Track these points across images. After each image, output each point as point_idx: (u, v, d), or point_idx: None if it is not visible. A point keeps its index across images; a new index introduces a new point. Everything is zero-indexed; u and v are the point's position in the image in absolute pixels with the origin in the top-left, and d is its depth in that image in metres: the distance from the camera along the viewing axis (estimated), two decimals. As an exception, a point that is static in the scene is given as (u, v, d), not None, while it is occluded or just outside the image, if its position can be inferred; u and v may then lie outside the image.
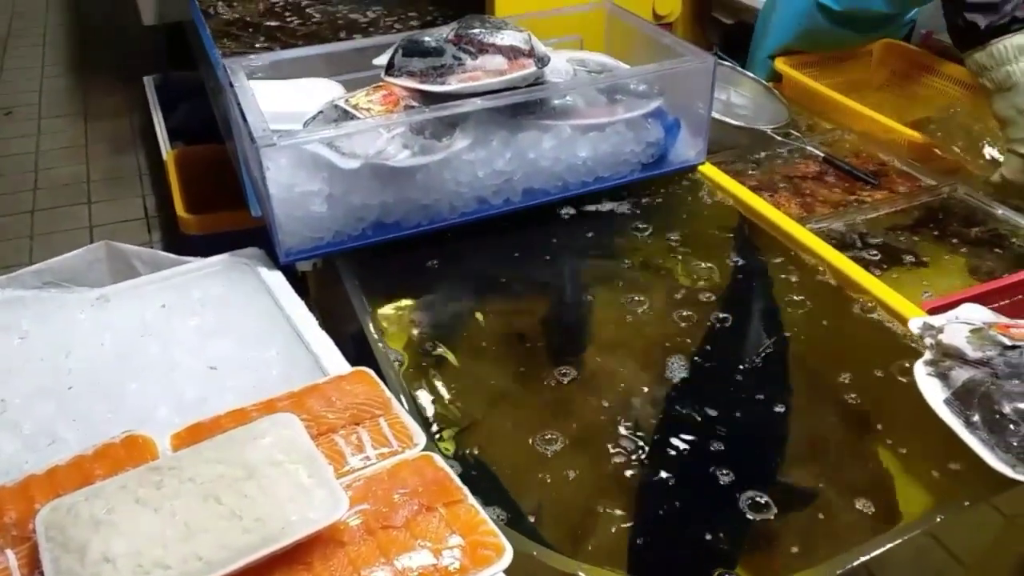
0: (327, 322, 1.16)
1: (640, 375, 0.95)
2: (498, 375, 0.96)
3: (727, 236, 1.20)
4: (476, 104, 1.11)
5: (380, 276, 1.10)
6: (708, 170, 1.32)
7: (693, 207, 1.27)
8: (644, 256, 1.16)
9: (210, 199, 1.97)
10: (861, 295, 1.04)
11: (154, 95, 2.56)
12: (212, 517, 0.67)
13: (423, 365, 0.97)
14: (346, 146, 1.07)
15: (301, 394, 0.84)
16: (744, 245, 1.18)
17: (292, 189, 1.06)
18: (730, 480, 0.81)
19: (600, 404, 0.91)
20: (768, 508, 0.78)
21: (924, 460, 0.83)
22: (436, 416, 0.89)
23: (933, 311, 0.97)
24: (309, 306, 1.06)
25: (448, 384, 0.94)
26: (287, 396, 0.84)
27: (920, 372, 0.85)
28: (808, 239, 1.14)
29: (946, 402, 0.81)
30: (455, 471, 0.77)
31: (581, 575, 0.71)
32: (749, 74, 1.64)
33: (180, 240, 1.95)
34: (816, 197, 1.34)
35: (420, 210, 1.12)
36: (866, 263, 1.16)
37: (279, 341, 0.98)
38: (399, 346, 0.99)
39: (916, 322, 0.91)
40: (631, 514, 0.79)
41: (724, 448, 0.84)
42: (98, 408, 0.88)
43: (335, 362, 0.93)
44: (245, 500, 0.69)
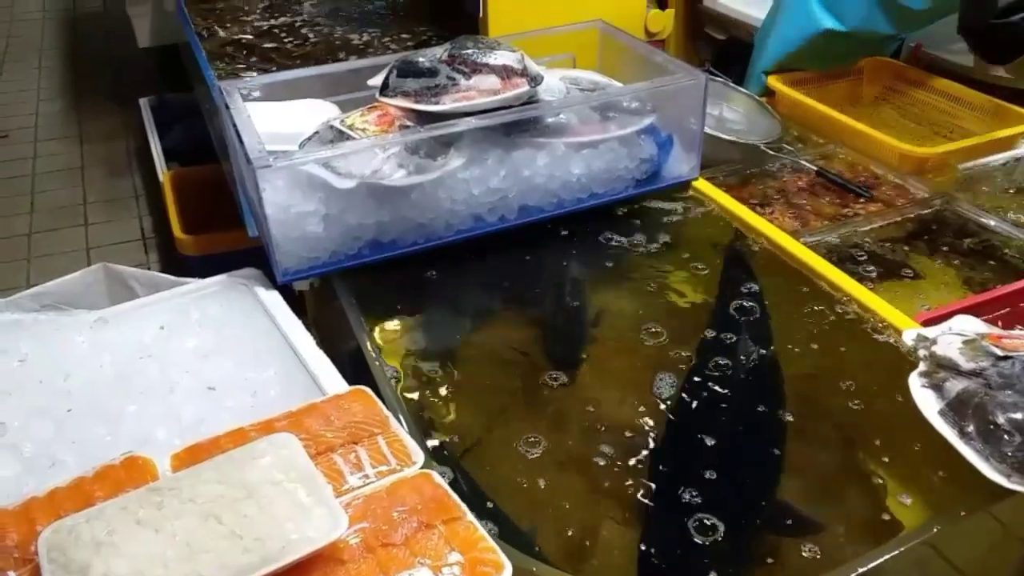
0: (325, 341, 1.17)
1: (637, 392, 0.95)
2: (496, 392, 0.97)
3: (721, 251, 1.21)
4: (470, 123, 1.12)
5: (377, 295, 1.11)
6: (702, 185, 1.33)
7: (687, 222, 1.27)
8: (639, 272, 1.17)
9: (207, 220, 1.98)
10: (855, 307, 1.05)
11: (150, 117, 2.57)
12: (213, 537, 0.68)
13: (421, 382, 0.97)
14: (342, 166, 1.08)
15: (299, 414, 0.84)
16: (738, 259, 1.19)
17: (289, 210, 1.06)
18: (725, 497, 0.82)
19: (598, 419, 0.91)
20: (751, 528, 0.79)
21: (921, 471, 0.84)
22: (435, 433, 0.90)
23: (927, 323, 0.97)
24: (307, 325, 1.06)
25: (446, 401, 0.94)
26: (285, 416, 0.84)
27: (915, 383, 0.85)
28: (802, 253, 1.15)
29: (940, 413, 0.81)
30: (454, 488, 0.77)
31: (581, 590, 0.72)
32: (742, 89, 1.66)
33: (177, 261, 1.96)
34: (810, 210, 1.35)
35: (416, 229, 1.13)
36: (861, 276, 1.17)
37: (277, 361, 0.99)
38: (397, 364, 1.00)
39: (910, 334, 0.92)
40: (633, 530, 0.79)
41: (719, 465, 0.85)
42: (98, 430, 0.89)
43: (333, 381, 0.93)
44: (245, 520, 0.69)
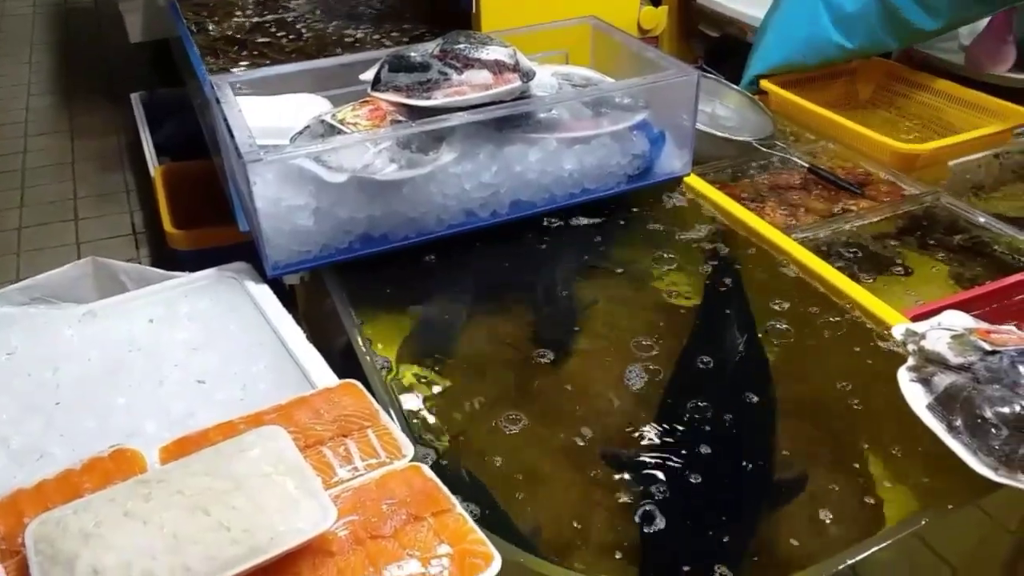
0: (315, 335, 1.16)
1: (631, 382, 0.95)
2: (487, 385, 0.96)
3: (712, 246, 1.21)
4: (462, 118, 1.12)
5: (368, 289, 1.11)
6: (694, 181, 1.33)
7: (678, 218, 1.28)
8: (631, 266, 1.17)
9: (198, 214, 1.97)
10: (845, 303, 1.05)
11: (141, 112, 2.56)
12: (200, 529, 0.67)
13: (412, 376, 0.97)
14: (333, 160, 1.07)
15: (289, 407, 0.84)
16: (728, 255, 1.19)
17: (279, 203, 1.06)
18: (719, 483, 0.82)
19: (594, 410, 0.91)
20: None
21: (909, 464, 0.84)
22: (425, 426, 0.90)
23: (916, 318, 0.98)
24: (297, 319, 1.06)
25: (437, 394, 0.94)
26: (275, 409, 0.84)
27: (903, 378, 0.86)
28: (793, 248, 1.16)
29: (929, 407, 0.82)
30: (444, 480, 0.77)
31: (569, 582, 0.72)
32: (734, 86, 1.66)
33: (168, 256, 1.95)
34: (802, 207, 1.35)
35: (407, 223, 1.13)
36: (851, 271, 1.17)
37: (267, 354, 0.98)
38: (387, 356, 0.99)
39: (899, 329, 0.92)
40: (631, 520, 0.79)
41: (711, 454, 0.85)
42: (86, 423, 0.88)
43: (323, 375, 0.93)
44: (233, 512, 0.69)
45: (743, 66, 1.75)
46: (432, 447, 0.86)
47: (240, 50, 1.86)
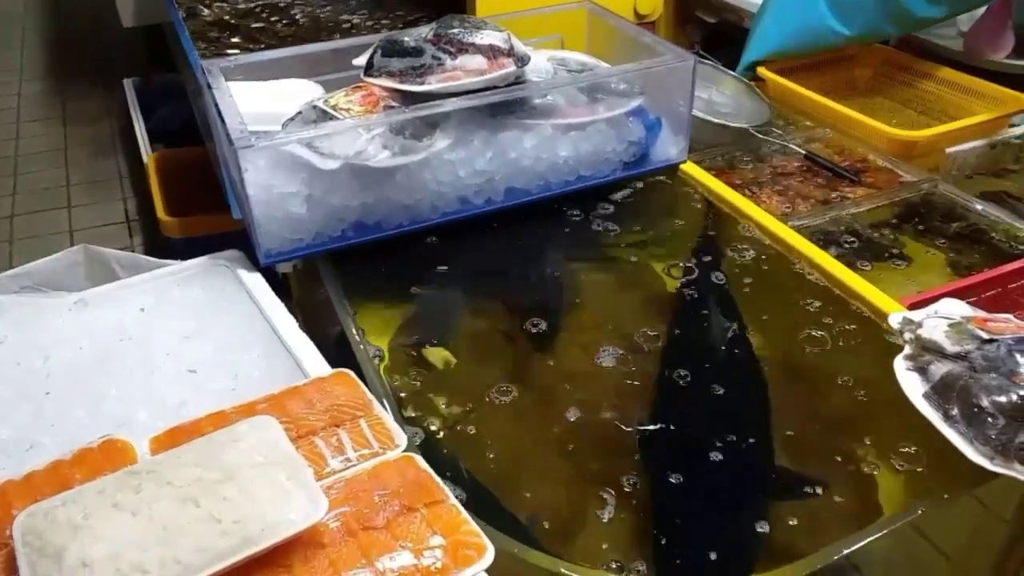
0: (309, 323, 1.15)
1: (626, 369, 0.95)
2: (483, 375, 0.96)
3: (708, 233, 1.20)
4: (456, 104, 1.11)
5: (362, 277, 1.10)
6: (690, 168, 1.32)
7: (675, 205, 1.27)
8: (626, 253, 1.16)
9: (192, 202, 1.96)
10: (842, 291, 1.05)
11: (134, 98, 2.54)
12: (191, 520, 0.67)
13: (406, 365, 0.96)
14: (325, 147, 1.06)
15: (281, 396, 0.84)
16: (723, 242, 1.18)
17: (271, 190, 1.05)
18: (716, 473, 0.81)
19: (592, 400, 0.91)
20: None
21: (906, 454, 0.83)
22: (420, 416, 0.89)
23: (913, 306, 0.97)
24: (291, 308, 1.05)
25: (432, 384, 0.94)
26: (266, 399, 0.84)
27: (900, 367, 0.85)
28: (790, 236, 1.15)
29: (925, 396, 0.81)
30: (440, 470, 0.76)
31: (563, 571, 0.71)
32: (731, 72, 1.65)
33: (162, 244, 1.94)
34: (798, 194, 1.34)
35: (401, 210, 1.12)
36: (849, 259, 1.17)
37: (259, 343, 0.98)
38: (381, 345, 0.99)
39: (896, 317, 0.92)
40: (637, 512, 0.79)
41: (703, 441, 0.85)
42: (76, 413, 0.88)
43: (315, 364, 0.92)
44: (224, 503, 0.68)
45: (740, 52, 1.73)
46: (426, 435, 0.86)
47: (233, 35, 1.84)
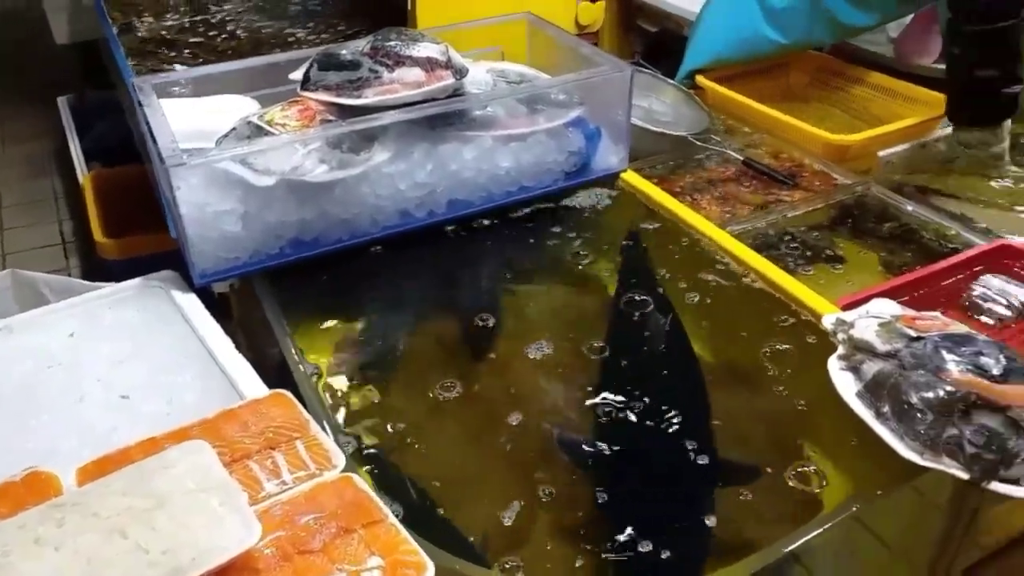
0: (251, 343, 1.13)
1: (569, 376, 0.95)
2: (425, 388, 0.95)
3: (649, 241, 1.21)
4: (394, 116, 1.10)
5: (302, 293, 1.08)
6: (630, 177, 1.33)
7: (617, 213, 1.28)
8: (570, 261, 1.17)
9: (133, 221, 1.91)
10: (779, 294, 1.06)
11: (69, 116, 2.47)
12: (118, 552, 0.64)
13: (347, 382, 0.95)
14: (260, 163, 1.05)
15: (215, 420, 0.82)
16: (663, 249, 1.20)
17: (205, 209, 1.03)
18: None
19: (535, 408, 0.91)
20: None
21: (845, 451, 0.85)
22: (361, 433, 0.88)
23: (847, 307, 0.99)
24: (231, 328, 1.03)
25: (373, 400, 0.93)
26: (200, 423, 0.81)
27: (834, 367, 0.87)
28: (729, 242, 1.16)
29: (858, 395, 0.83)
30: (383, 486, 0.75)
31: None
32: (670, 81, 1.67)
33: (99, 266, 1.89)
34: (738, 199, 1.36)
35: (340, 225, 1.11)
36: (787, 262, 1.19)
37: (194, 366, 0.95)
38: (321, 363, 0.97)
39: (829, 318, 0.93)
40: (583, 519, 0.79)
41: (643, 446, 0.85)
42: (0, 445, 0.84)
43: (252, 385, 0.90)
44: (153, 532, 0.66)
45: (681, 61, 1.76)
46: (367, 451, 0.85)
47: (170, 51, 1.81)
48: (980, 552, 1.01)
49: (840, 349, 0.89)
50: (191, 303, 1.04)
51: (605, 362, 0.97)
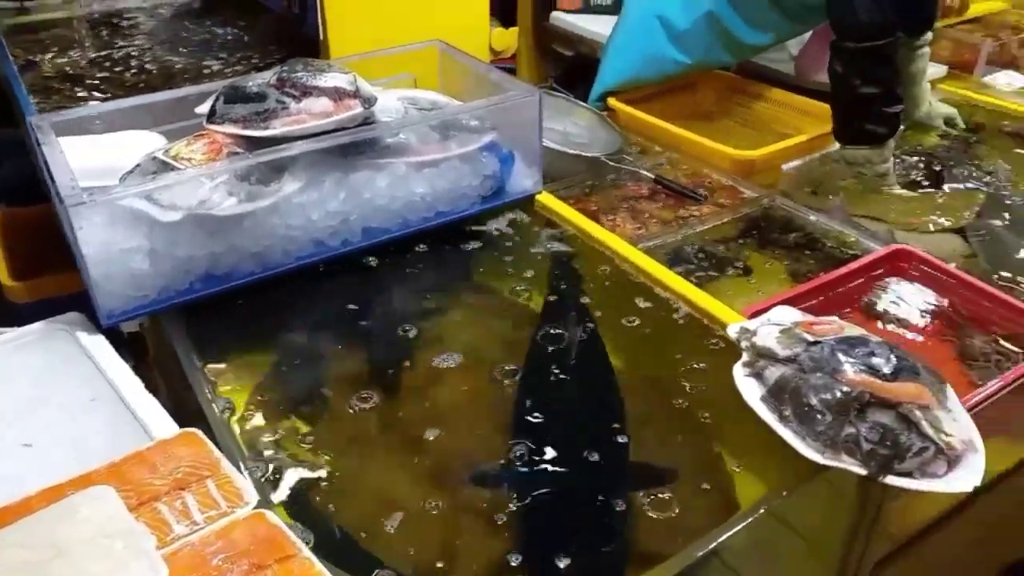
0: (168, 382, 1.11)
1: (487, 396, 0.96)
2: (340, 418, 0.94)
3: (565, 260, 1.24)
4: (303, 147, 1.10)
5: (213, 329, 1.06)
6: (546, 199, 1.36)
7: (533, 235, 1.30)
8: (489, 283, 1.18)
9: (44, 262, 1.84)
10: (687, 307, 1.10)
11: (-28, 156, 2.37)
12: (14, 609, 0.62)
13: (263, 417, 0.94)
14: (165, 198, 1.03)
15: (122, 464, 0.79)
16: (577, 267, 1.22)
17: (110, 247, 1.01)
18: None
19: (454, 430, 0.91)
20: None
21: (756, 454, 0.88)
22: (275, 466, 0.86)
23: (752, 315, 1.03)
24: (145, 368, 1.01)
25: (290, 432, 0.92)
26: (107, 468, 0.79)
27: (739, 373, 0.90)
28: (640, 259, 1.20)
29: (762, 399, 0.86)
30: (298, 521, 0.74)
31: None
32: (583, 104, 1.71)
33: (9, 309, 1.81)
34: (651, 216, 1.40)
35: (251, 258, 1.10)
36: (698, 275, 1.23)
37: (102, 409, 0.92)
38: (237, 401, 0.96)
39: (734, 327, 0.97)
40: (507, 537, 0.79)
41: (562, 458, 0.87)
42: None
43: (163, 426, 0.88)
44: (52, 585, 0.64)
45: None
46: (282, 486, 0.84)
47: (76, 86, 1.77)
48: (891, 544, 1.06)
49: (744, 356, 0.92)
50: (98, 344, 1.01)
51: (521, 384, 0.98)
